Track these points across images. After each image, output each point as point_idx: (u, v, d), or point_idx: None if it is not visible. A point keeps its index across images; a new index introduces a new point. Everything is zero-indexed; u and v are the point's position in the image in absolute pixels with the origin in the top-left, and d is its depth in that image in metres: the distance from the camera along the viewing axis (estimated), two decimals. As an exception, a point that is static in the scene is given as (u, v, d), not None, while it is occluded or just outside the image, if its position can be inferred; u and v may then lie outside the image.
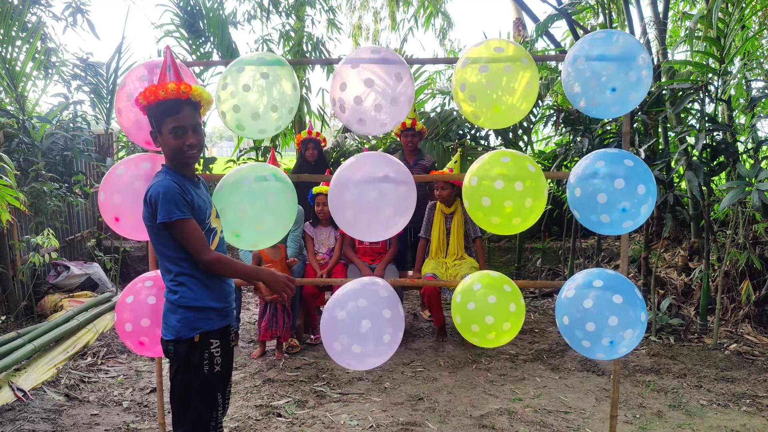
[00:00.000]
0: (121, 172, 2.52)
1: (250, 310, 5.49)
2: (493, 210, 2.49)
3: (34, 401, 3.40)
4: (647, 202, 2.39)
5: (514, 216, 2.48)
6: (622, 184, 2.34)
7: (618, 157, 2.42)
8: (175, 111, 1.99)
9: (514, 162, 2.49)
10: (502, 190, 2.44)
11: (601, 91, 2.36)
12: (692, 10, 6.91)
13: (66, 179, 5.67)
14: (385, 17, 11.92)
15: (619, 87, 2.33)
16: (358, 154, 2.68)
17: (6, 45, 5.33)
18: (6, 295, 4.84)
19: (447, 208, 4.64)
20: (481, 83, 2.38)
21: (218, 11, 6.30)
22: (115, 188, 2.49)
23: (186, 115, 2.01)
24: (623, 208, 2.36)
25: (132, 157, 2.60)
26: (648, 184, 2.38)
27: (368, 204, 2.49)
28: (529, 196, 2.45)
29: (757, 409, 3.41)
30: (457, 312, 2.69)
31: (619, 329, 2.39)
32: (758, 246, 4.84)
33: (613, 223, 2.42)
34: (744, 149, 5.01)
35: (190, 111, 2.02)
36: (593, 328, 2.41)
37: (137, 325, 2.44)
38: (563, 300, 2.54)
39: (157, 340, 2.25)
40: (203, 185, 2.19)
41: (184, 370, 2.04)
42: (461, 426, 3.21)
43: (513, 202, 2.44)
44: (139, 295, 2.47)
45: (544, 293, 5.92)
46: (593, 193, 2.40)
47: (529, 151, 6.67)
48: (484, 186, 2.48)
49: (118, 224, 2.52)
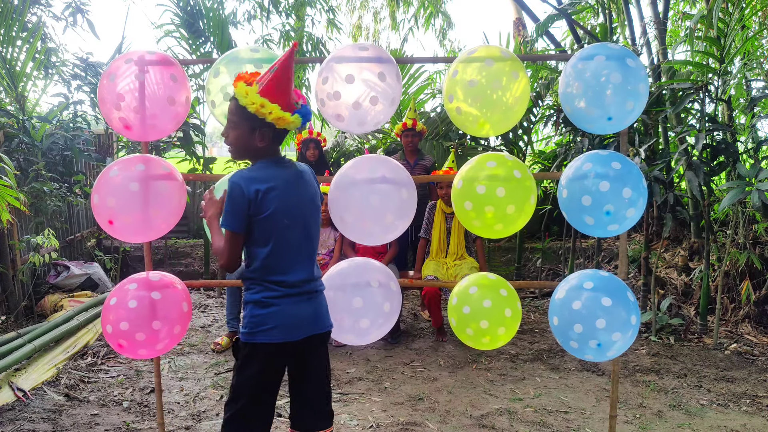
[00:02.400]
0: (114, 174, 2.47)
1: (250, 310, 5.48)
2: (474, 214, 2.47)
3: (34, 401, 3.40)
4: (635, 205, 2.35)
5: (496, 222, 2.46)
6: (607, 187, 2.31)
7: (606, 160, 2.39)
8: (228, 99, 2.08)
9: (499, 166, 2.47)
10: (483, 195, 2.42)
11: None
12: (692, 10, 6.91)
13: (66, 179, 5.67)
14: (385, 17, 11.93)
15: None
16: (358, 157, 2.67)
17: (6, 45, 5.33)
18: (6, 295, 4.84)
19: (447, 208, 4.64)
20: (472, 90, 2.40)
21: (218, 11, 6.29)
22: (109, 190, 2.45)
23: (228, 107, 2.06)
24: (607, 212, 2.33)
25: (126, 159, 2.55)
26: (636, 187, 2.34)
27: (368, 208, 2.49)
28: (511, 203, 2.42)
29: (757, 409, 3.41)
30: (452, 314, 2.69)
31: (607, 332, 2.37)
32: (758, 246, 4.84)
33: (597, 225, 2.40)
34: (744, 149, 5.00)
35: (231, 104, 2.03)
36: (581, 329, 2.40)
37: (116, 328, 2.44)
38: (555, 301, 2.54)
39: (136, 342, 2.42)
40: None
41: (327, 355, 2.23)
42: (461, 426, 3.21)
43: (494, 208, 2.42)
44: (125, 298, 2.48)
45: (544, 293, 5.92)
46: (578, 195, 2.38)
47: (529, 151, 6.67)
48: (467, 190, 2.47)
49: (111, 227, 2.47)
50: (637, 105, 2.34)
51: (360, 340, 2.65)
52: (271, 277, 2.01)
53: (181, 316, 2.57)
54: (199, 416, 3.33)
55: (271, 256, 2.00)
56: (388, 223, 2.52)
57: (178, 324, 2.56)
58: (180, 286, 2.63)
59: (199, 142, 6.26)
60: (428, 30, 11.23)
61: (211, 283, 3.58)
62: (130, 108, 2.45)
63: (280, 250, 2.01)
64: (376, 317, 2.60)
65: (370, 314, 2.58)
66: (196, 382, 3.83)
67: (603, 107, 2.33)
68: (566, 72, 2.43)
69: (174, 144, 6.09)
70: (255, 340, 2.01)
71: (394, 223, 2.53)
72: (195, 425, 3.22)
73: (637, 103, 2.34)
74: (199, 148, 6.25)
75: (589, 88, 2.34)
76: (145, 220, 2.47)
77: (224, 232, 1.98)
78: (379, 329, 2.63)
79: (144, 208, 2.44)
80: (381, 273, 2.67)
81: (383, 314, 2.61)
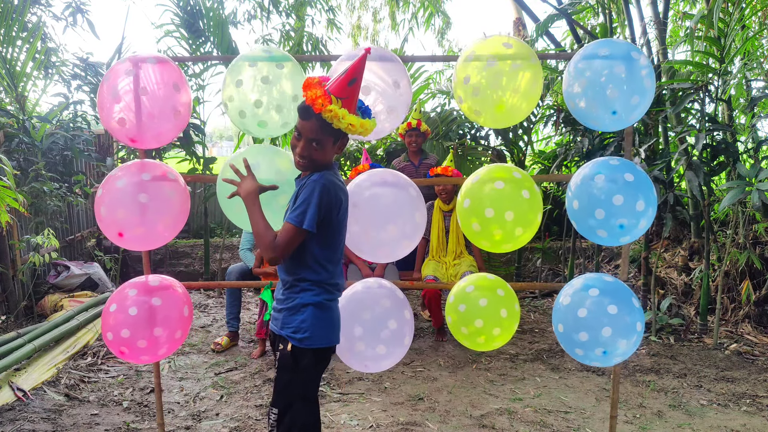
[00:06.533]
0: (122, 184, 2.38)
1: (251, 310, 5.49)
2: (483, 235, 2.46)
3: (34, 401, 3.40)
4: (646, 216, 2.33)
5: (504, 243, 2.46)
6: (621, 201, 2.27)
7: (618, 170, 2.35)
8: (304, 117, 1.94)
9: (508, 187, 2.42)
10: (491, 219, 2.39)
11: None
12: (692, 10, 6.90)
13: (66, 179, 5.67)
14: (385, 17, 11.93)
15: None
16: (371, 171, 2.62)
17: (6, 45, 5.32)
18: (6, 295, 4.84)
19: (445, 206, 4.64)
20: (484, 81, 2.35)
21: (218, 11, 6.29)
22: (118, 202, 2.36)
23: (309, 127, 1.94)
24: (620, 225, 2.30)
25: (128, 165, 2.48)
26: (647, 198, 2.31)
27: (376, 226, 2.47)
28: (519, 226, 2.40)
29: (757, 409, 3.41)
30: (450, 313, 2.69)
31: (613, 340, 2.35)
32: (758, 246, 4.84)
33: (610, 237, 2.38)
34: (744, 149, 5.00)
35: (315, 125, 1.93)
36: (587, 338, 2.38)
37: (117, 336, 2.42)
38: (559, 306, 2.51)
39: (138, 349, 2.44)
40: (299, 184, 2.08)
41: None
42: (461, 426, 3.21)
43: (502, 231, 2.40)
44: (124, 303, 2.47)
45: (545, 293, 5.92)
46: (591, 208, 2.34)
47: (529, 151, 6.67)
48: (475, 211, 2.44)
49: (122, 239, 2.41)
50: (643, 101, 2.31)
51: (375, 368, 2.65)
52: (331, 280, 2.05)
53: (182, 320, 2.55)
54: (199, 416, 3.33)
55: (333, 261, 2.05)
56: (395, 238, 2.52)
57: (179, 329, 2.54)
58: (180, 289, 2.61)
59: (199, 142, 6.26)
60: (428, 30, 11.23)
61: (211, 284, 3.59)
62: (132, 123, 2.37)
63: (338, 256, 2.07)
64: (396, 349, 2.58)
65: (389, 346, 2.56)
66: (196, 382, 3.83)
67: (606, 102, 2.29)
68: (569, 69, 2.41)
69: (174, 144, 6.09)
70: (316, 344, 2.02)
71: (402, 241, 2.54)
72: (195, 425, 3.22)
73: (642, 99, 2.30)
74: (199, 148, 6.25)
75: (592, 83, 2.31)
76: (153, 230, 2.42)
77: (290, 227, 1.91)
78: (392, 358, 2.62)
79: (151, 217, 2.39)
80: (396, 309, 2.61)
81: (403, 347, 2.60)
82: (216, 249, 7.03)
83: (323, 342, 2.03)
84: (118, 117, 2.38)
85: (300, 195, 1.96)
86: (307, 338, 2.00)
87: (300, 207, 1.92)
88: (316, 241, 1.99)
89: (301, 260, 2.01)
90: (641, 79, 2.28)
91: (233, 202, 2.34)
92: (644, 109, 2.34)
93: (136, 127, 2.38)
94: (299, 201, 1.94)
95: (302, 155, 1.97)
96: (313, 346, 2.01)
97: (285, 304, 2.06)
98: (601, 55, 2.31)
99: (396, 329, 2.51)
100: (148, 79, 2.37)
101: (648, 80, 2.30)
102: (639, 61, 2.29)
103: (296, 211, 1.92)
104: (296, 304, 2.02)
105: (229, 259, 6.96)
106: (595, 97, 2.31)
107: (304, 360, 2.02)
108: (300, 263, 2.02)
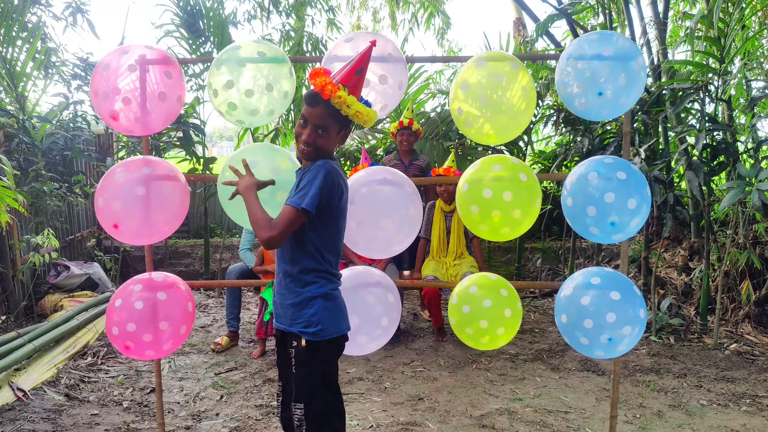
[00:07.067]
0: (120, 177, 2.42)
1: (250, 310, 5.49)
2: (480, 218, 2.48)
3: (34, 401, 3.40)
4: (639, 214, 2.35)
5: (503, 225, 2.46)
6: (612, 199, 2.31)
7: (612, 168, 2.38)
8: (311, 103, 1.97)
9: (505, 170, 2.46)
10: (490, 199, 2.42)
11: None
12: (692, 10, 6.90)
13: (66, 179, 5.67)
14: (385, 17, 11.92)
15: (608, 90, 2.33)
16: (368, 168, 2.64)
17: (6, 45, 5.33)
18: (6, 295, 4.84)
19: (447, 206, 4.65)
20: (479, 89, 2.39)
21: (218, 11, 6.29)
22: (114, 194, 2.40)
23: (316, 113, 1.97)
24: (612, 222, 2.33)
25: (130, 161, 2.51)
26: (640, 196, 2.34)
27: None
28: (517, 207, 2.42)
29: (757, 409, 3.41)
30: (453, 314, 2.69)
31: (617, 326, 2.37)
32: (758, 246, 4.84)
33: (602, 234, 2.41)
34: (744, 149, 5.00)
35: (323, 111, 1.96)
36: (591, 325, 2.40)
37: (123, 330, 2.44)
38: (562, 299, 2.53)
39: (143, 344, 2.45)
40: (301, 174, 2.08)
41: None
42: (461, 426, 3.21)
43: (501, 212, 2.42)
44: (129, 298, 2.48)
45: (545, 293, 5.92)
46: (583, 205, 2.38)
47: (529, 151, 6.67)
48: (474, 193, 2.47)
49: (117, 231, 2.43)
50: (631, 83, 2.32)
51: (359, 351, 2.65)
52: (333, 270, 2.07)
53: (186, 315, 2.58)
54: (199, 416, 3.33)
55: (333, 252, 2.06)
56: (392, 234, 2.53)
57: (183, 324, 2.57)
58: (183, 286, 2.64)
59: (199, 142, 6.26)
60: (428, 30, 11.22)
61: (212, 283, 3.59)
62: (122, 101, 2.42)
63: (338, 249, 2.09)
64: (373, 330, 2.58)
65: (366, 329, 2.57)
66: (196, 382, 3.83)
67: (595, 83, 2.33)
68: (560, 65, 2.47)
69: (174, 144, 6.10)
70: (330, 335, 2.03)
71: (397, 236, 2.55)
72: (195, 425, 3.22)
73: (629, 79, 2.32)
74: (199, 148, 6.25)
75: (580, 69, 2.39)
76: (149, 224, 2.45)
77: (289, 208, 1.91)
78: (374, 341, 2.63)
79: (148, 211, 2.41)
80: (380, 284, 2.65)
81: (381, 327, 2.60)
82: (216, 249, 7.04)
83: (336, 331, 2.04)
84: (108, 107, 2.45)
85: (303, 179, 1.97)
86: (320, 330, 2.00)
87: (302, 190, 1.93)
88: (315, 229, 1.99)
89: (303, 247, 2.01)
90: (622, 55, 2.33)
91: (235, 202, 2.35)
92: (633, 93, 2.36)
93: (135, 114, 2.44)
94: (302, 184, 1.95)
95: (307, 142, 1.99)
96: (327, 337, 2.02)
97: (291, 299, 2.04)
98: (588, 40, 2.41)
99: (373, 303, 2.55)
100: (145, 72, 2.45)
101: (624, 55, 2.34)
102: (617, 41, 2.36)
103: (298, 194, 1.93)
104: (304, 298, 2.01)
105: (229, 259, 6.96)
106: (580, 79, 2.38)
107: (320, 352, 2.02)
108: (301, 250, 2.01)
